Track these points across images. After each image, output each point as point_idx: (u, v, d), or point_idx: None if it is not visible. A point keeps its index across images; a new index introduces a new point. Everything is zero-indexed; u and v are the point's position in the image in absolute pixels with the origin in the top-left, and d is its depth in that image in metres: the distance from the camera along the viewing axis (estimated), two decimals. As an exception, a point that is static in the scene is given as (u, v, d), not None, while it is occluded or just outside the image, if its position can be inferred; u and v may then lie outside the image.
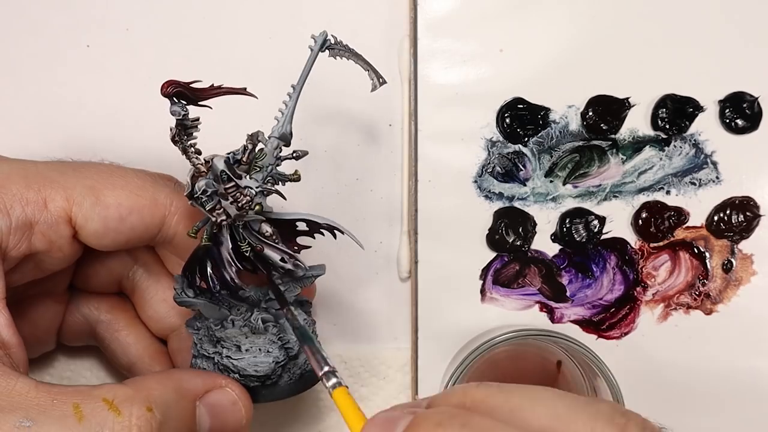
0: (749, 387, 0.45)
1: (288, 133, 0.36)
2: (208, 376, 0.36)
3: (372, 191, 0.46)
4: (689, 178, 0.45)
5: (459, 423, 0.25)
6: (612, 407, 0.26)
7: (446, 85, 0.44)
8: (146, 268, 0.40)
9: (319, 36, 0.35)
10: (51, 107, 0.45)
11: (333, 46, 0.36)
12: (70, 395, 0.31)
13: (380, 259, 0.46)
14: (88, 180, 0.35)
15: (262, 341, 0.37)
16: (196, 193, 0.34)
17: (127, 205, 0.35)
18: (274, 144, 0.35)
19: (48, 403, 0.30)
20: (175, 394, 0.34)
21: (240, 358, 0.37)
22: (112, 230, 0.35)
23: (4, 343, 0.33)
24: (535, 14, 0.44)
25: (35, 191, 0.34)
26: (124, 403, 0.31)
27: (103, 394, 0.31)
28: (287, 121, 0.36)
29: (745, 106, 0.45)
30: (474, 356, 0.40)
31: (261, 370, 0.37)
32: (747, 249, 0.45)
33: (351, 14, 0.45)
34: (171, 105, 0.32)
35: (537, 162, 0.45)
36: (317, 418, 0.46)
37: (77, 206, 0.35)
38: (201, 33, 0.45)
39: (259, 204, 0.35)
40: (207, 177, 0.34)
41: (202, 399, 0.35)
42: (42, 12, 0.44)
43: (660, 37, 0.45)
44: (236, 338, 0.37)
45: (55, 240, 0.35)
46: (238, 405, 0.36)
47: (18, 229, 0.34)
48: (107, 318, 0.41)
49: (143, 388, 0.32)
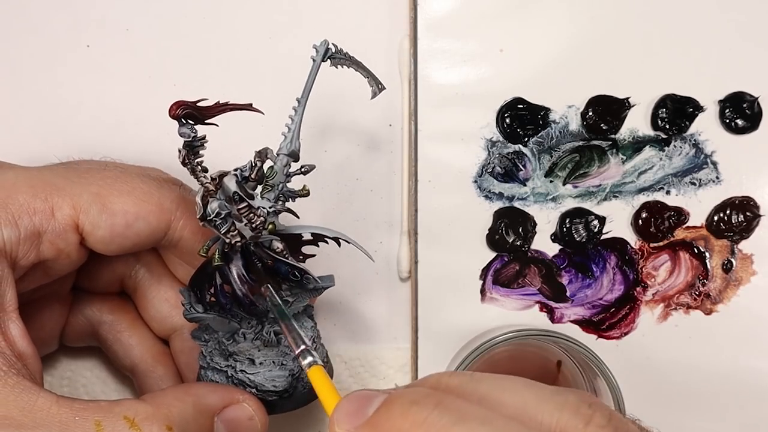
0: (749, 387, 0.45)
1: (297, 149, 0.35)
2: (226, 392, 0.36)
3: (372, 191, 0.46)
4: (689, 178, 0.45)
5: (433, 402, 0.26)
6: (579, 397, 0.26)
7: (446, 85, 0.44)
8: (148, 268, 0.40)
9: (320, 46, 0.35)
10: (51, 108, 0.45)
11: (335, 55, 0.35)
12: (92, 412, 0.31)
13: (380, 259, 0.46)
14: (94, 187, 0.35)
15: (275, 353, 0.37)
16: (210, 215, 0.33)
17: (134, 212, 0.35)
18: (284, 161, 0.35)
19: (70, 420, 0.30)
20: (193, 410, 0.34)
21: (255, 372, 0.37)
22: (118, 236, 0.35)
23: (21, 354, 0.33)
24: (535, 14, 0.44)
25: (42, 200, 0.34)
26: (144, 421, 0.31)
27: (124, 412, 0.31)
28: (295, 137, 0.35)
29: (745, 106, 0.45)
30: (474, 356, 0.40)
31: (279, 385, 0.37)
32: (747, 249, 0.45)
33: (351, 14, 0.45)
34: (180, 127, 0.31)
35: (537, 162, 0.45)
36: (317, 418, 0.46)
37: (84, 214, 0.35)
38: (201, 33, 0.45)
39: (272, 223, 0.35)
40: (218, 197, 0.33)
41: (220, 415, 0.35)
42: (42, 12, 0.44)
43: (660, 37, 0.45)
44: (249, 351, 0.37)
45: (63, 248, 0.35)
46: (254, 420, 0.37)
47: (27, 239, 0.34)
48: (109, 319, 0.41)
49: (163, 405, 0.33)
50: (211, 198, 0.33)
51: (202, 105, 0.31)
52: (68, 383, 0.44)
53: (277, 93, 0.45)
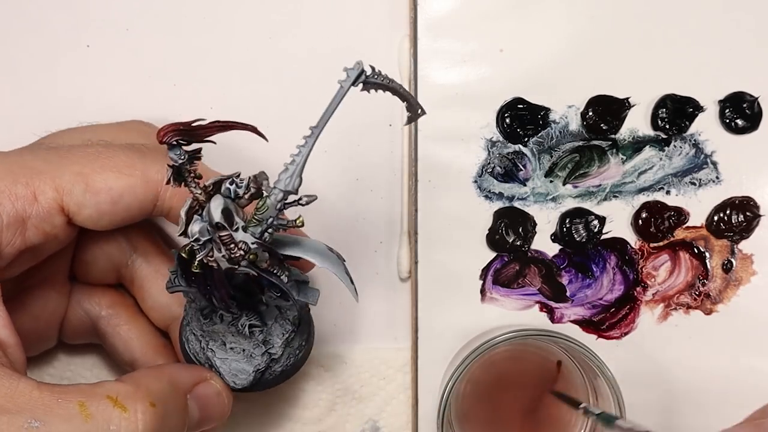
0: (749, 387, 0.45)
1: (296, 188, 0.31)
2: (195, 370, 0.37)
3: (372, 191, 0.46)
4: (689, 178, 0.45)
5: None
6: None
7: (446, 85, 0.44)
8: (145, 258, 0.40)
9: (353, 69, 0.29)
10: (51, 107, 0.44)
11: (369, 80, 0.30)
12: (74, 394, 0.31)
13: (380, 259, 0.46)
14: (76, 166, 0.35)
15: (247, 343, 0.37)
16: (190, 237, 0.32)
17: (118, 187, 0.35)
18: (278, 197, 0.31)
19: (53, 403, 0.30)
20: (170, 388, 0.34)
21: (223, 358, 0.37)
22: (106, 213, 0.35)
23: (2, 342, 0.33)
24: (534, 14, 0.44)
25: (23, 185, 0.34)
26: (127, 399, 0.31)
27: (105, 392, 0.31)
28: (297, 173, 0.31)
29: (745, 106, 0.45)
30: (474, 356, 0.40)
31: (239, 382, 0.37)
32: (747, 249, 0.45)
33: (351, 14, 0.45)
34: (169, 150, 0.30)
35: (537, 162, 0.45)
36: (317, 418, 0.46)
37: (68, 195, 0.34)
38: (201, 33, 0.45)
39: (255, 254, 0.32)
40: (203, 217, 0.31)
41: (192, 392, 0.36)
42: (42, 12, 0.44)
43: (660, 37, 0.45)
44: (223, 335, 0.37)
45: (50, 231, 0.35)
46: (221, 396, 0.37)
47: (10, 226, 0.33)
48: (108, 313, 0.41)
49: (142, 384, 0.33)
50: (196, 215, 0.32)
51: (197, 125, 0.30)
52: (68, 383, 0.44)
53: (277, 93, 0.45)
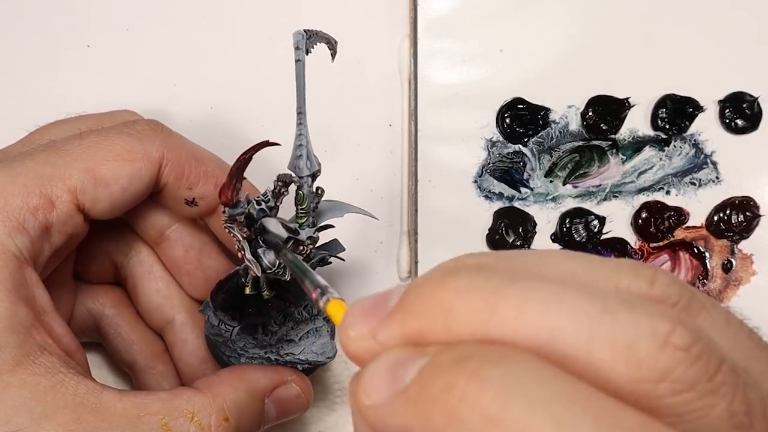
0: (749, 387, 0.45)
1: (318, 168, 0.34)
2: (275, 373, 0.37)
3: (372, 191, 0.46)
4: (689, 178, 0.45)
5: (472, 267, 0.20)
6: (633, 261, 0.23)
7: (446, 85, 0.44)
8: (139, 258, 0.40)
9: (298, 40, 0.32)
10: (51, 108, 0.44)
11: (311, 40, 0.32)
12: (155, 407, 0.32)
13: (380, 259, 0.46)
14: (81, 162, 0.35)
15: (307, 325, 0.38)
16: (271, 268, 0.33)
17: (126, 175, 0.35)
18: (309, 182, 0.34)
19: (136, 418, 0.31)
20: (246, 396, 0.35)
21: (302, 350, 0.38)
22: (119, 201, 0.36)
23: (69, 350, 0.33)
24: (535, 14, 0.44)
25: (38, 196, 0.34)
26: (202, 412, 0.33)
27: (183, 405, 0.33)
28: (311, 155, 0.34)
29: (745, 106, 0.45)
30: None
31: (328, 351, 0.38)
32: (747, 249, 0.45)
33: (351, 14, 0.45)
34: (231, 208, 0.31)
35: (537, 162, 0.45)
36: (317, 418, 0.46)
37: (81, 194, 0.35)
38: (201, 33, 0.45)
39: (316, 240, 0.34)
40: (264, 248, 0.33)
41: (270, 395, 0.37)
42: (42, 12, 0.44)
43: (660, 37, 0.45)
44: (285, 334, 0.38)
45: (72, 231, 0.35)
46: (301, 397, 0.38)
47: (38, 239, 0.34)
48: (111, 313, 0.41)
49: (218, 395, 0.34)
50: (258, 250, 0.33)
51: (234, 170, 0.31)
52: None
53: (277, 93, 0.45)
